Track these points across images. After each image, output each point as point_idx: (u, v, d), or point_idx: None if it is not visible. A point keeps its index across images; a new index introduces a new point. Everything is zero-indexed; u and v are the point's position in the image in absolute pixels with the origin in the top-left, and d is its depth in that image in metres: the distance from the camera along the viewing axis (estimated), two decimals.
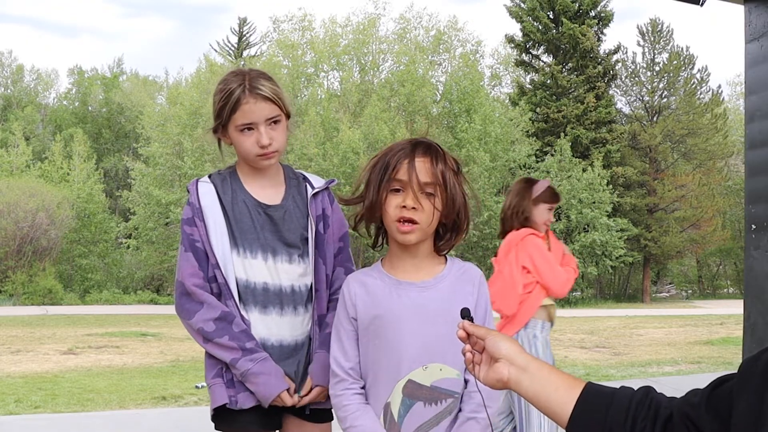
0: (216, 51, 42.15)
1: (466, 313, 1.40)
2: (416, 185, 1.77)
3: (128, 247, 32.60)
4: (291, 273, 2.16)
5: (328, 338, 2.10)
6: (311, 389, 2.14)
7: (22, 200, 26.56)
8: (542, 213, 3.84)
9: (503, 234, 3.88)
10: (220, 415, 2.14)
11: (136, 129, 36.44)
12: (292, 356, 2.15)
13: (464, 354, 1.36)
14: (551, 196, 3.86)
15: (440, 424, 1.83)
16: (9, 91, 45.16)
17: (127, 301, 27.94)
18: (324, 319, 2.18)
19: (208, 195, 2.15)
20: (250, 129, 2.11)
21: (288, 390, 2.11)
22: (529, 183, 3.90)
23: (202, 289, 2.10)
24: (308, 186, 2.24)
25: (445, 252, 1.93)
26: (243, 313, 2.12)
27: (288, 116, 2.21)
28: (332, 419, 2.23)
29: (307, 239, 2.18)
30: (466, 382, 1.88)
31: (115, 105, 43.82)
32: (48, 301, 25.62)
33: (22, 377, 9.08)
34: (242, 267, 2.12)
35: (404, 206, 1.77)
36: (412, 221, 1.78)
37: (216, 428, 2.18)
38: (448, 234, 1.90)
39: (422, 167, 1.79)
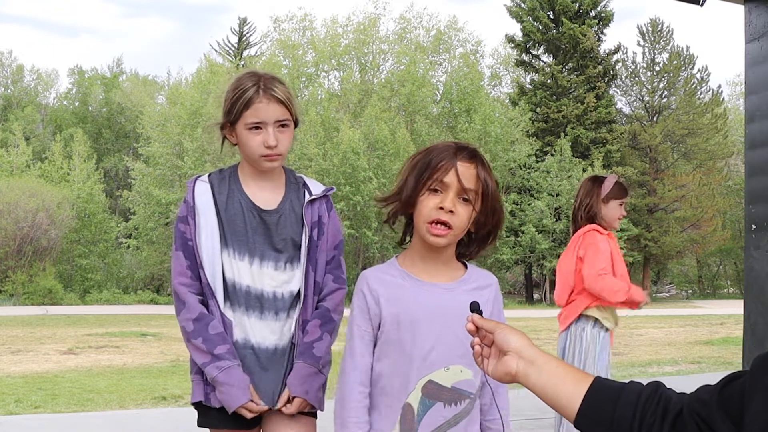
0: (216, 51, 42.20)
1: (475, 307, 1.39)
2: (457, 188, 1.75)
3: (128, 247, 32.64)
4: (275, 279, 2.17)
5: (310, 347, 2.14)
6: (291, 399, 2.14)
7: (22, 200, 26.57)
8: (614, 209, 3.83)
9: (575, 232, 3.91)
10: (201, 409, 2.19)
11: (136, 129, 36.48)
12: (273, 362, 2.16)
13: (473, 347, 1.36)
14: (620, 191, 3.84)
15: (458, 424, 1.84)
16: (9, 91, 45.16)
17: (127, 301, 27.95)
18: (307, 326, 2.18)
19: (203, 194, 2.18)
20: (258, 128, 2.13)
21: (254, 399, 2.11)
22: (597, 181, 3.86)
23: (187, 288, 2.14)
24: (306, 192, 2.25)
25: (466, 260, 1.91)
26: (226, 312, 2.14)
27: (296, 124, 2.23)
28: (316, 416, 2.24)
29: (299, 245, 2.19)
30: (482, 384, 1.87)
31: (115, 105, 43.82)
32: (48, 301, 25.63)
33: (22, 377, 9.08)
34: (231, 268, 2.15)
35: (441, 208, 1.75)
36: (446, 224, 1.76)
37: (198, 423, 2.23)
38: (474, 244, 1.88)
39: (466, 172, 1.76)
